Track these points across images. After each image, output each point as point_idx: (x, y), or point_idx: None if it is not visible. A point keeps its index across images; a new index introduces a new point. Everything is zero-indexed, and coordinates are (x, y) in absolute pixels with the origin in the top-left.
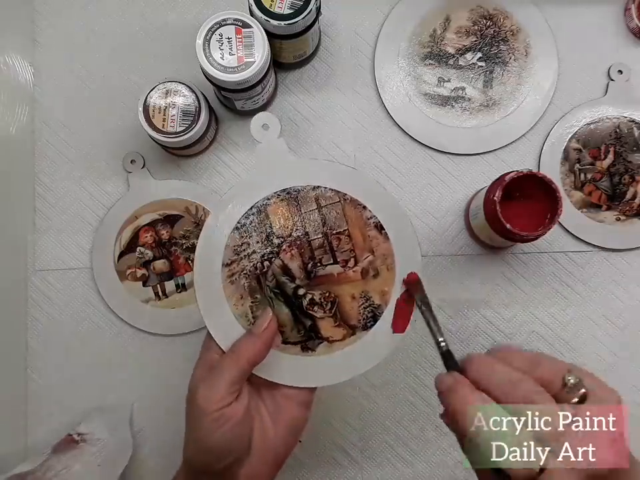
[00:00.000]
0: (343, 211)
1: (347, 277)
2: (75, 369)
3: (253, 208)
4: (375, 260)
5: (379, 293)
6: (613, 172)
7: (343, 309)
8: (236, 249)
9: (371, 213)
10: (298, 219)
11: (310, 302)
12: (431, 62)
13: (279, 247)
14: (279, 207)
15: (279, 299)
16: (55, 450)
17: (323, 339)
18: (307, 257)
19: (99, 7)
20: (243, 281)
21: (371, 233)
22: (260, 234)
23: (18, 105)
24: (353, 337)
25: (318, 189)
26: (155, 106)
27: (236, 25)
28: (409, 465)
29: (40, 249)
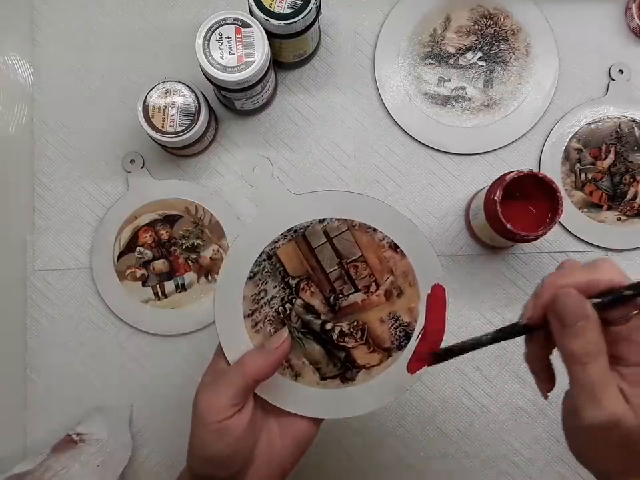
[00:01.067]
0: (353, 238)
1: (371, 302)
2: (74, 369)
3: (262, 254)
4: (396, 280)
5: (406, 310)
6: (614, 172)
7: (374, 334)
8: (254, 297)
9: (382, 234)
10: (310, 256)
11: (340, 334)
12: (431, 61)
13: (296, 287)
14: (288, 248)
15: (308, 337)
16: (54, 450)
17: (360, 367)
18: (327, 290)
19: (98, 7)
20: (269, 328)
21: (386, 254)
22: (275, 278)
23: (17, 104)
24: (390, 359)
25: (324, 221)
26: (154, 106)
27: (236, 25)
28: (408, 465)
29: (39, 249)
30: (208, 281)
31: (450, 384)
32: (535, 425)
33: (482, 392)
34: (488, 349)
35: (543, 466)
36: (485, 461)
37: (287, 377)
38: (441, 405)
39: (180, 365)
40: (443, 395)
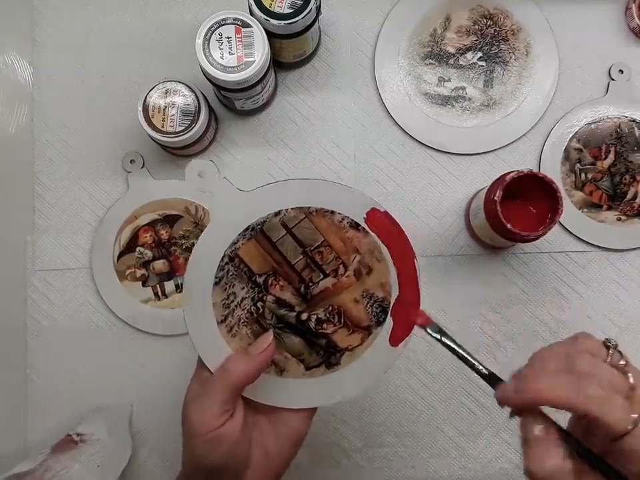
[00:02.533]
0: (313, 224)
1: (342, 284)
2: (74, 369)
3: (224, 258)
4: (363, 258)
5: (379, 286)
6: (614, 172)
7: (351, 315)
8: (224, 302)
9: (341, 215)
10: (272, 250)
11: (317, 322)
12: (431, 61)
13: (265, 284)
14: (249, 247)
15: (285, 331)
16: (53, 450)
17: (343, 350)
18: (297, 281)
19: (98, 7)
20: (245, 330)
21: (348, 234)
22: (241, 280)
23: (17, 104)
24: (371, 336)
25: (280, 213)
26: (154, 106)
27: (236, 25)
28: (408, 465)
29: (39, 249)
30: None
31: (450, 384)
32: None
33: (482, 392)
34: (489, 348)
35: None
36: (485, 461)
37: (272, 374)
38: (441, 404)
39: (180, 365)
40: (442, 394)
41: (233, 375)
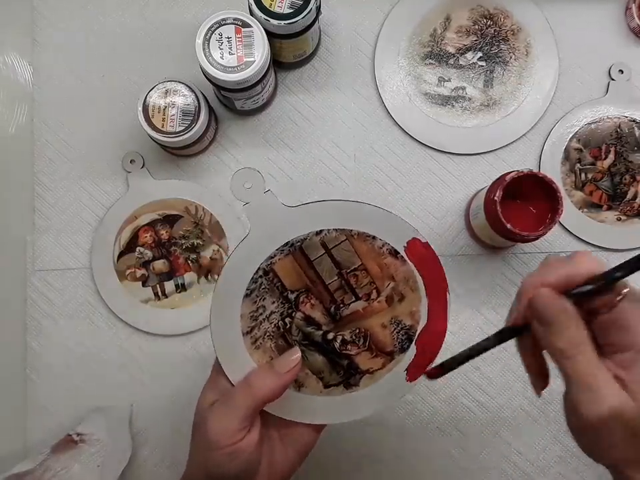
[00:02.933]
0: (353, 247)
1: (372, 309)
2: (74, 369)
3: (258, 271)
4: (397, 285)
5: (408, 314)
6: (614, 172)
7: (377, 339)
8: (252, 314)
9: (382, 241)
10: (308, 269)
11: (342, 342)
12: (431, 61)
13: (296, 300)
14: (285, 263)
15: (310, 349)
16: (53, 450)
17: (363, 373)
18: (328, 301)
19: (98, 7)
20: (269, 343)
21: (386, 260)
22: (273, 294)
23: (17, 104)
24: (393, 361)
25: (321, 232)
26: (154, 106)
27: (236, 25)
28: (408, 465)
29: (39, 249)
30: (208, 281)
31: (450, 384)
32: (534, 424)
33: (482, 392)
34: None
35: (543, 466)
36: (485, 461)
37: (290, 389)
38: (441, 404)
39: (180, 365)
40: (442, 394)
41: (257, 391)
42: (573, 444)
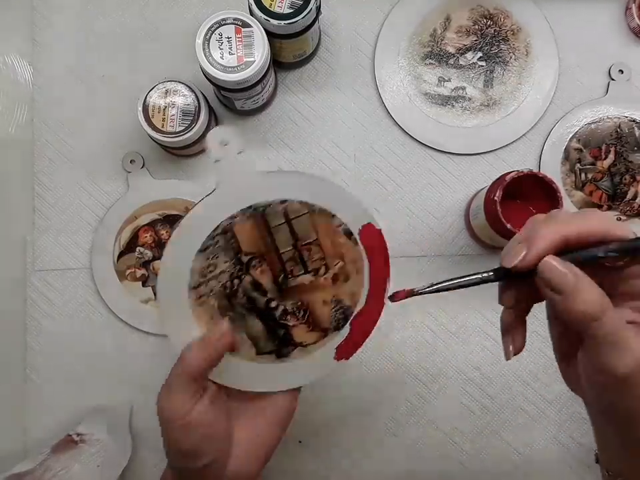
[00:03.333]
0: (312, 221)
1: (318, 284)
2: (74, 369)
3: (217, 228)
4: (345, 265)
5: (349, 295)
6: (614, 172)
7: (316, 315)
8: (202, 271)
9: (340, 220)
10: (266, 235)
11: (283, 312)
12: (431, 61)
13: (248, 264)
14: (245, 225)
15: (251, 314)
16: (53, 450)
17: (296, 345)
18: (278, 270)
19: (98, 7)
20: (213, 302)
21: (340, 239)
22: (227, 254)
23: (17, 104)
24: (326, 338)
25: (285, 202)
26: (154, 106)
27: (236, 25)
28: (408, 465)
29: (39, 249)
30: None
31: (450, 384)
32: (534, 424)
33: (482, 392)
34: (488, 348)
35: (542, 466)
36: (485, 461)
37: None
38: (441, 404)
39: None
40: (442, 394)
41: (190, 362)
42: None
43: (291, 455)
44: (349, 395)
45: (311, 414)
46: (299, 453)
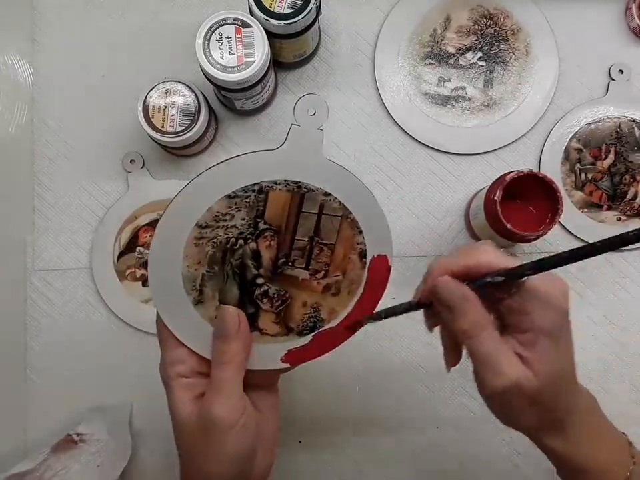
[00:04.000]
0: (339, 226)
1: (309, 285)
2: (74, 369)
3: (256, 185)
4: (342, 281)
5: (329, 309)
6: (614, 172)
7: (289, 311)
8: (217, 215)
9: (362, 239)
10: (294, 215)
11: (263, 293)
12: (431, 61)
13: (261, 232)
14: (280, 195)
15: (235, 279)
16: (54, 450)
17: (256, 329)
18: (283, 253)
19: (98, 7)
20: (208, 249)
21: (352, 256)
22: (249, 212)
23: (17, 104)
24: (285, 337)
25: (329, 196)
26: (154, 106)
27: (236, 25)
28: (408, 465)
29: (39, 249)
30: None
31: (450, 384)
32: None
33: None
34: None
35: (542, 467)
36: (485, 461)
37: (190, 297)
38: (441, 404)
39: None
40: (443, 395)
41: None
42: None
43: (291, 455)
44: (348, 394)
45: (311, 414)
46: (299, 453)
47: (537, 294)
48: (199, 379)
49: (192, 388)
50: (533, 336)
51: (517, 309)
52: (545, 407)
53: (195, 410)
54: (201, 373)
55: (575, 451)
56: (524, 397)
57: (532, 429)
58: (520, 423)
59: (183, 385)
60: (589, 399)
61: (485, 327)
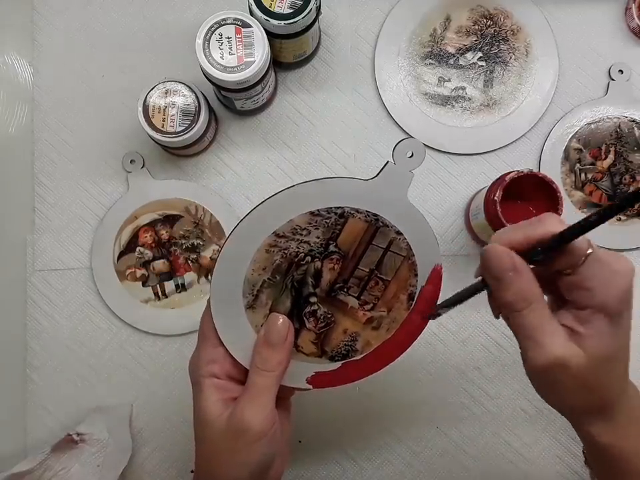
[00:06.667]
0: (398, 266)
1: (354, 314)
2: (75, 369)
3: (339, 208)
4: (385, 318)
5: (365, 342)
6: (614, 172)
7: (329, 335)
8: (296, 229)
9: (415, 282)
10: (362, 245)
11: (312, 312)
12: (431, 61)
13: (329, 253)
14: (357, 224)
15: (291, 292)
16: (54, 449)
17: (294, 345)
18: (342, 278)
19: (98, 7)
20: (277, 258)
21: (402, 296)
22: (325, 233)
23: (17, 104)
24: (317, 358)
25: (400, 235)
26: (154, 106)
27: (236, 25)
28: (408, 465)
29: (39, 249)
30: (208, 281)
31: (450, 384)
32: (534, 424)
33: (482, 392)
34: (488, 348)
35: (542, 466)
36: (485, 461)
37: (245, 300)
38: (441, 405)
39: (180, 365)
40: (443, 395)
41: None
42: (572, 444)
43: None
44: (348, 394)
45: (311, 414)
46: (299, 453)
47: (601, 270)
48: (230, 383)
49: (223, 390)
50: (590, 313)
51: (578, 284)
52: (592, 387)
53: (226, 413)
54: (232, 377)
55: (622, 441)
56: (569, 375)
57: (576, 411)
58: (564, 402)
59: (215, 385)
60: (635, 389)
61: (535, 301)
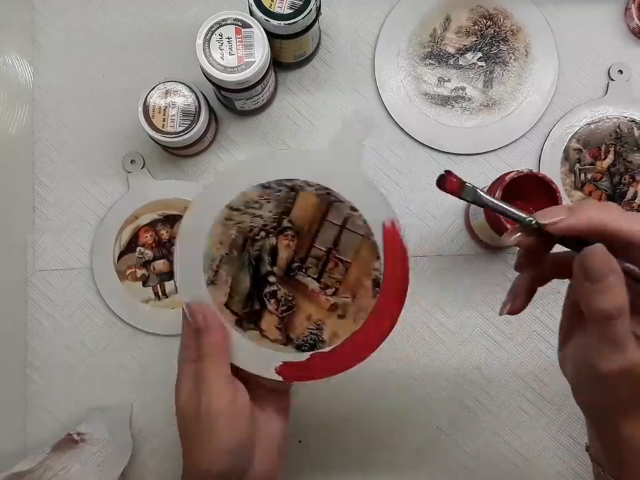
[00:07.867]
0: (357, 246)
1: (317, 298)
2: (75, 369)
3: (290, 181)
4: (349, 305)
5: (332, 332)
6: (614, 172)
7: (293, 320)
8: (248, 202)
9: (380, 267)
10: (317, 222)
11: (272, 292)
12: (431, 62)
13: (283, 229)
14: (310, 198)
15: (250, 270)
16: (54, 449)
17: (257, 328)
18: (299, 257)
19: (98, 7)
20: (233, 231)
21: (366, 282)
22: (277, 207)
23: (18, 104)
24: (282, 346)
25: (355, 211)
26: (154, 106)
27: (236, 25)
28: (408, 465)
29: (39, 249)
30: None
31: (450, 384)
32: (534, 424)
33: (482, 392)
34: (488, 348)
35: (542, 466)
36: (485, 461)
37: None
38: (441, 405)
39: None
40: (443, 395)
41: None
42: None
43: (291, 455)
44: (348, 394)
45: (311, 414)
46: (299, 453)
47: None
48: None
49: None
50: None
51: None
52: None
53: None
54: None
55: None
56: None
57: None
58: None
59: (187, 370)
60: None
61: (623, 309)
